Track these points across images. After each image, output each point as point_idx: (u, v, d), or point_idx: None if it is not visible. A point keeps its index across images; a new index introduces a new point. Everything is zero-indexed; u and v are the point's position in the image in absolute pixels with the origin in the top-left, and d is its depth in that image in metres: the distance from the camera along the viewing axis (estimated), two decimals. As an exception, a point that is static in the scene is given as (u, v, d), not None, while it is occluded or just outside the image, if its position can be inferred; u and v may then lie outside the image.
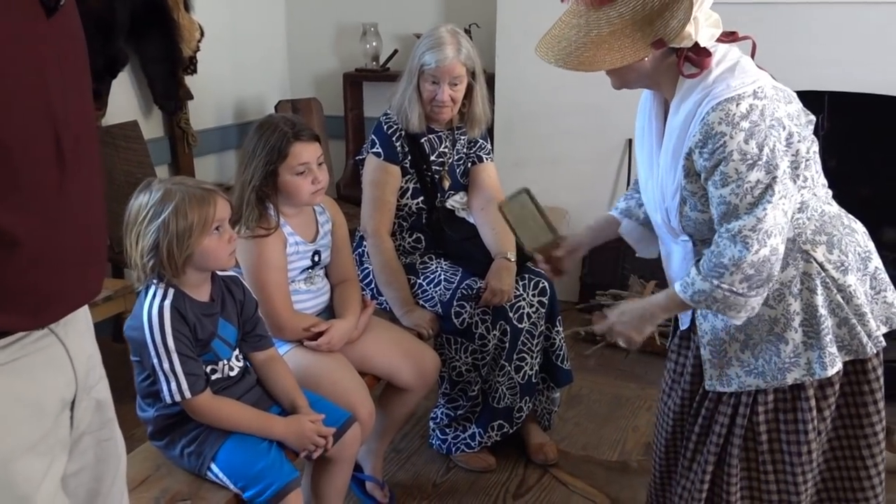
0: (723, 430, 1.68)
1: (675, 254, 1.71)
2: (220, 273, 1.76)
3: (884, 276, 1.66)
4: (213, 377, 1.71)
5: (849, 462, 1.71)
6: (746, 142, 1.44)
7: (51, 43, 0.92)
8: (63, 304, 1.00)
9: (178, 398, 1.62)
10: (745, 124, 1.44)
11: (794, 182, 1.54)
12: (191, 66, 3.51)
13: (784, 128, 1.48)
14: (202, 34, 3.52)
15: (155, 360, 1.61)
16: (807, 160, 1.56)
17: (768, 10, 3.23)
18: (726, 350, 1.64)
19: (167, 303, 1.62)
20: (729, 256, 1.49)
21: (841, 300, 1.57)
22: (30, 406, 0.97)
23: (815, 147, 1.59)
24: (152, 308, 1.62)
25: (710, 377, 1.67)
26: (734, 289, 1.51)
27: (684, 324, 1.76)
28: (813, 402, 1.62)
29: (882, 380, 1.67)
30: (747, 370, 1.62)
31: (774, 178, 1.46)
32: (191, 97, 3.57)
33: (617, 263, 3.76)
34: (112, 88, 3.21)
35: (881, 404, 1.68)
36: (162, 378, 1.62)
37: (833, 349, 1.58)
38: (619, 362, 3.33)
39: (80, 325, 1.08)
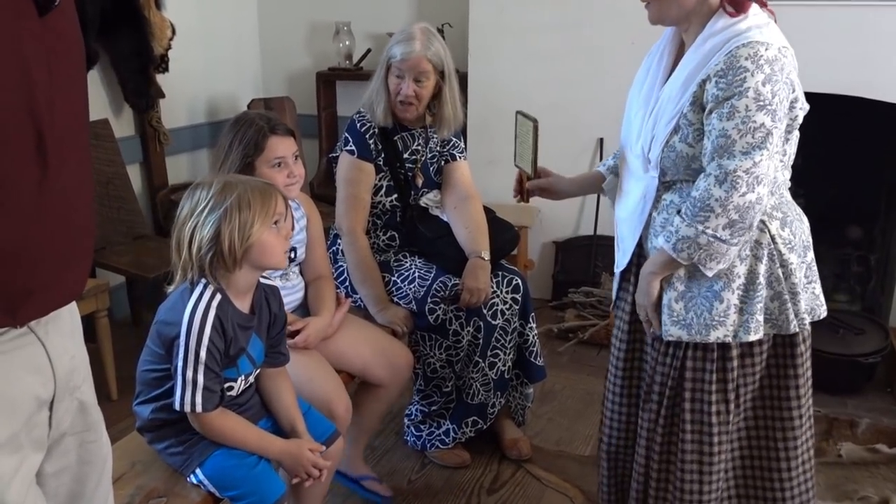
0: (663, 378, 1.76)
1: (634, 192, 1.75)
2: (262, 281, 1.72)
3: (816, 269, 1.74)
4: (229, 393, 1.67)
5: (762, 442, 1.78)
6: (764, 84, 1.49)
7: (41, 41, 0.92)
8: (41, 303, 0.99)
9: (188, 409, 1.59)
10: (767, 68, 1.50)
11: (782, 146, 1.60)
12: (162, 64, 3.50)
13: (793, 90, 1.56)
14: (174, 32, 3.51)
15: (180, 364, 1.56)
16: (793, 134, 1.63)
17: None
18: (662, 297, 1.70)
19: (212, 311, 1.57)
20: (716, 197, 1.53)
21: (781, 275, 1.64)
22: (1, 403, 0.96)
23: (797, 133, 1.66)
24: (196, 310, 1.56)
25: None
26: (717, 234, 1.55)
27: (620, 265, 1.81)
28: (735, 363, 1.69)
29: (808, 365, 1.74)
30: (674, 320, 1.67)
31: (776, 127, 1.52)
32: (162, 95, 3.55)
33: (589, 261, 3.81)
34: (86, 90, 3.17)
35: (803, 391, 1.74)
36: (180, 384, 1.57)
37: (760, 318, 1.65)
38: (591, 359, 3.37)
39: (63, 326, 1.07)
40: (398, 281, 2.45)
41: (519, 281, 2.50)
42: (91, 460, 1.16)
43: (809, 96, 1.67)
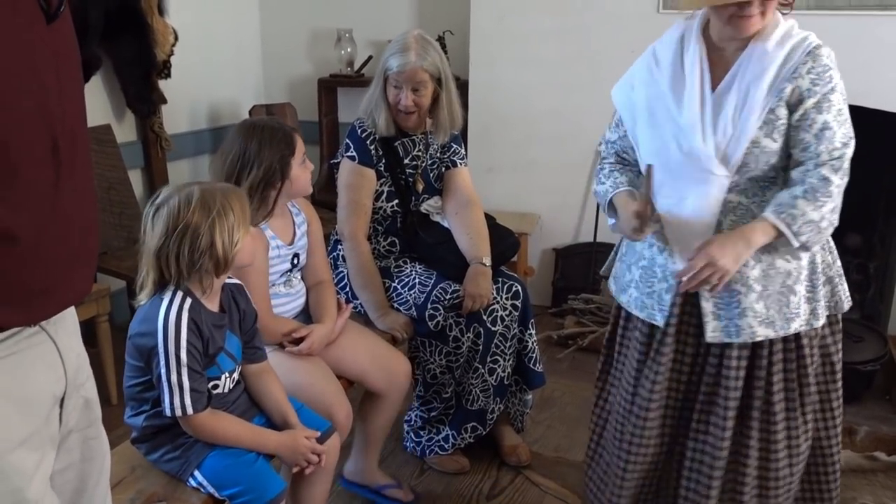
0: (738, 382, 1.78)
1: (699, 196, 1.74)
2: (227, 281, 1.74)
3: None
4: (215, 392, 1.69)
5: (818, 415, 1.89)
6: (840, 80, 1.67)
7: (49, 48, 0.95)
8: (55, 302, 1.02)
9: (178, 413, 1.60)
10: (836, 67, 1.68)
11: None
12: (165, 69, 3.51)
13: None
14: (176, 38, 3.52)
15: (163, 370, 1.58)
16: None
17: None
18: (740, 301, 1.73)
19: (185, 313, 1.59)
20: (836, 183, 1.64)
21: (831, 260, 1.78)
22: (22, 401, 0.99)
23: None
24: (169, 315, 1.58)
25: (712, 329, 1.74)
26: (831, 219, 1.66)
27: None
28: (808, 350, 1.79)
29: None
30: (760, 320, 1.73)
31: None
32: (164, 101, 3.56)
33: (588, 268, 3.81)
34: (84, 92, 3.19)
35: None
36: (166, 389, 1.58)
37: (823, 303, 1.76)
38: (590, 365, 3.36)
39: (68, 324, 1.09)
40: (398, 287, 2.46)
41: (519, 287, 2.51)
42: (93, 457, 1.17)
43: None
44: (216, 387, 1.70)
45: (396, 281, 2.48)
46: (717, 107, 1.70)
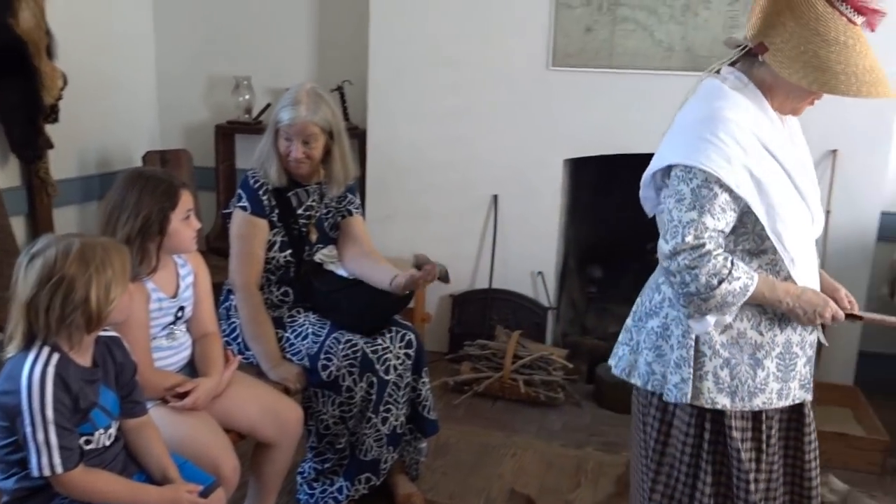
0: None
1: (814, 264, 1.76)
2: (102, 333, 1.70)
3: None
4: (87, 447, 1.63)
5: None
6: None
7: None
8: None
9: (47, 472, 1.54)
10: None
11: None
12: (52, 114, 3.41)
13: None
14: (65, 82, 3.44)
15: (28, 430, 1.52)
16: None
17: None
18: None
19: (51, 369, 1.54)
20: None
21: None
22: None
23: None
24: (34, 373, 1.53)
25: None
26: None
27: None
28: None
29: None
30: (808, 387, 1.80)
31: None
32: (51, 146, 3.45)
33: (484, 314, 3.88)
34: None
35: None
36: (33, 449, 1.53)
37: None
38: (486, 411, 3.42)
39: None
40: (291, 337, 2.45)
41: (412, 336, 2.54)
42: None
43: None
44: (89, 442, 1.64)
45: (289, 331, 2.47)
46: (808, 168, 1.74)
